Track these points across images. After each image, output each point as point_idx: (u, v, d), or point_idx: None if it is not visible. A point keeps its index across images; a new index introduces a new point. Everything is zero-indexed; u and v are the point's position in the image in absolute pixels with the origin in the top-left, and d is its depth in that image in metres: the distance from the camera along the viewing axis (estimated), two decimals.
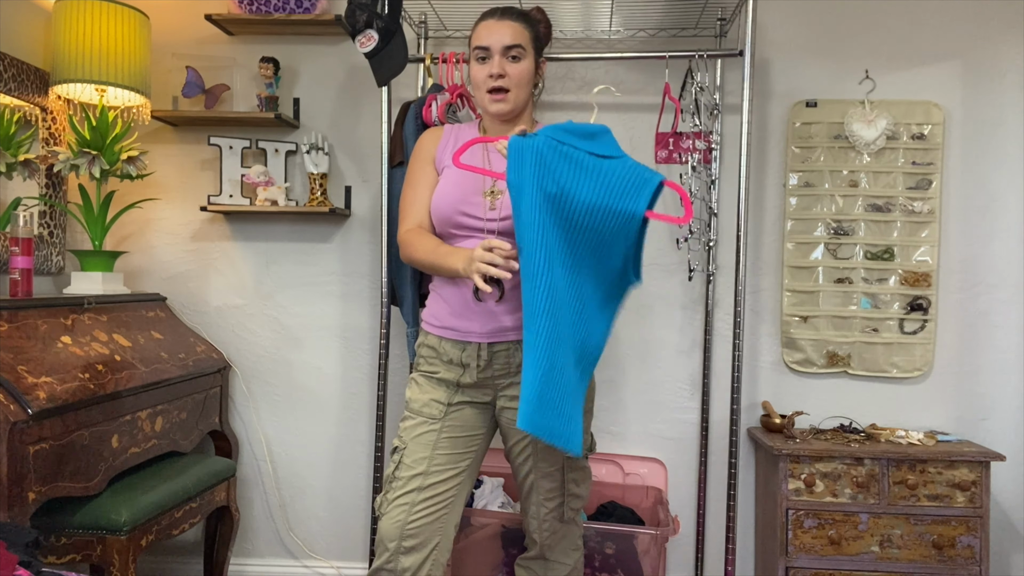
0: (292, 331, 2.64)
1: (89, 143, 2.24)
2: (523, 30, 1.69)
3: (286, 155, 2.55)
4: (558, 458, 1.73)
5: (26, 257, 2.03)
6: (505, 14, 1.70)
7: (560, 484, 1.75)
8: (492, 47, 1.67)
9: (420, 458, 1.65)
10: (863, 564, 2.23)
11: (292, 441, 2.66)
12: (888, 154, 2.46)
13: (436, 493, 1.65)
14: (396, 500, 1.64)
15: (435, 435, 1.67)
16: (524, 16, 1.72)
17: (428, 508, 1.64)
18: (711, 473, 2.54)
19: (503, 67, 1.66)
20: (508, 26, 1.68)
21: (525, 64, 1.69)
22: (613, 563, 2.17)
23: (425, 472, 1.64)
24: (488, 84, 1.67)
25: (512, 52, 1.67)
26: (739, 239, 2.07)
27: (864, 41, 2.48)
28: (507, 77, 1.67)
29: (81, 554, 1.82)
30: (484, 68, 1.68)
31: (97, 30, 2.22)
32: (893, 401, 2.50)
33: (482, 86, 1.69)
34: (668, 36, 2.47)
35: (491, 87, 1.67)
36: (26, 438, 1.62)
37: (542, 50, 1.77)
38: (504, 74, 1.67)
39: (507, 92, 1.68)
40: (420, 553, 1.63)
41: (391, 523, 1.63)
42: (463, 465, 1.69)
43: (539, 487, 1.75)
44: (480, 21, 1.72)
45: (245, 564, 2.66)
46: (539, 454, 1.72)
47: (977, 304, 2.48)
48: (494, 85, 1.67)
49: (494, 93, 1.68)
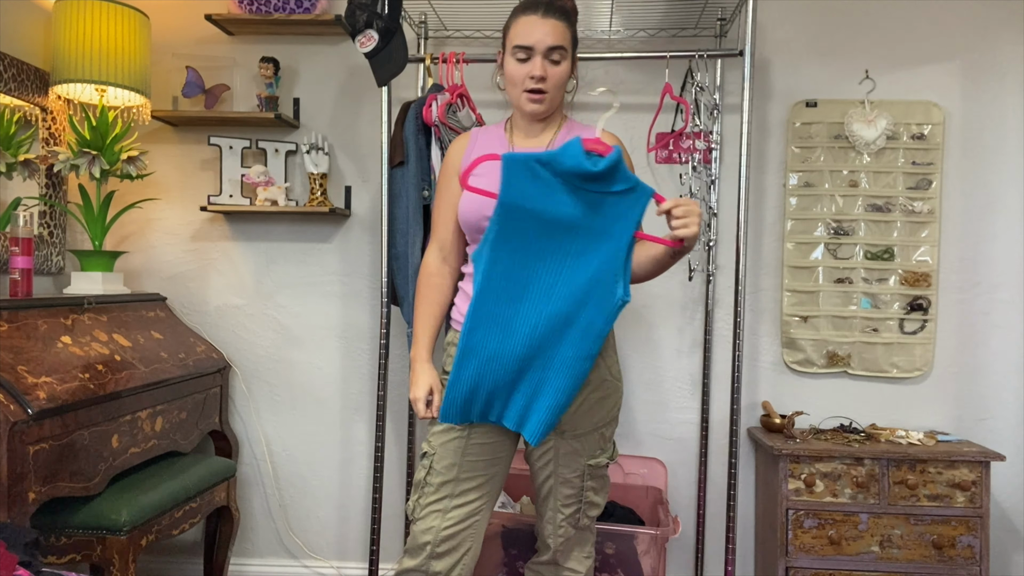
0: (292, 331, 2.64)
1: (89, 143, 2.24)
2: (565, 30, 1.62)
3: (286, 155, 2.55)
4: (579, 465, 1.70)
5: (26, 257, 2.03)
6: (549, 10, 1.61)
7: (579, 491, 1.72)
8: (535, 48, 1.59)
9: (449, 464, 1.64)
10: (863, 564, 2.23)
11: (292, 441, 2.66)
12: (888, 154, 2.46)
13: (468, 500, 1.64)
14: (429, 506, 1.64)
15: (463, 441, 1.65)
16: (566, 13, 1.64)
17: (460, 514, 1.64)
18: (711, 473, 2.54)
19: (544, 68, 1.60)
20: (552, 25, 1.59)
21: (565, 67, 1.63)
22: (613, 563, 2.17)
23: (456, 479, 1.64)
24: (527, 84, 1.61)
25: (554, 55, 1.60)
26: (739, 239, 2.07)
27: (864, 41, 2.48)
28: (547, 80, 1.61)
29: (81, 554, 1.82)
30: (524, 68, 1.61)
31: (97, 30, 2.22)
32: (893, 401, 2.50)
33: (519, 85, 1.63)
34: (668, 36, 2.47)
35: (530, 87, 1.61)
36: (26, 438, 1.62)
37: (577, 48, 1.71)
38: (545, 76, 1.60)
39: (545, 94, 1.62)
40: (451, 558, 1.63)
41: (425, 528, 1.63)
42: (492, 471, 1.68)
43: (557, 492, 1.72)
44: (521, 14, 1.63)
45: (245, 564, 2.66)
46: (560, 459, 1.69)
47: (977, 304, 2.48)
48: (534, 87, 1.61)
49: (532, 93, 1.62)
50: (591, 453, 1.70)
